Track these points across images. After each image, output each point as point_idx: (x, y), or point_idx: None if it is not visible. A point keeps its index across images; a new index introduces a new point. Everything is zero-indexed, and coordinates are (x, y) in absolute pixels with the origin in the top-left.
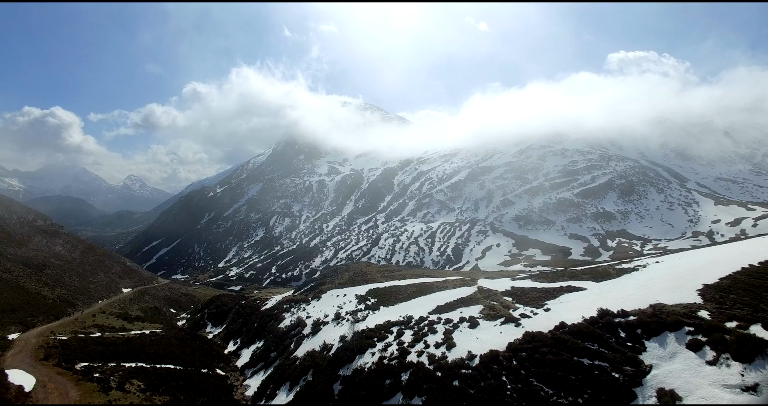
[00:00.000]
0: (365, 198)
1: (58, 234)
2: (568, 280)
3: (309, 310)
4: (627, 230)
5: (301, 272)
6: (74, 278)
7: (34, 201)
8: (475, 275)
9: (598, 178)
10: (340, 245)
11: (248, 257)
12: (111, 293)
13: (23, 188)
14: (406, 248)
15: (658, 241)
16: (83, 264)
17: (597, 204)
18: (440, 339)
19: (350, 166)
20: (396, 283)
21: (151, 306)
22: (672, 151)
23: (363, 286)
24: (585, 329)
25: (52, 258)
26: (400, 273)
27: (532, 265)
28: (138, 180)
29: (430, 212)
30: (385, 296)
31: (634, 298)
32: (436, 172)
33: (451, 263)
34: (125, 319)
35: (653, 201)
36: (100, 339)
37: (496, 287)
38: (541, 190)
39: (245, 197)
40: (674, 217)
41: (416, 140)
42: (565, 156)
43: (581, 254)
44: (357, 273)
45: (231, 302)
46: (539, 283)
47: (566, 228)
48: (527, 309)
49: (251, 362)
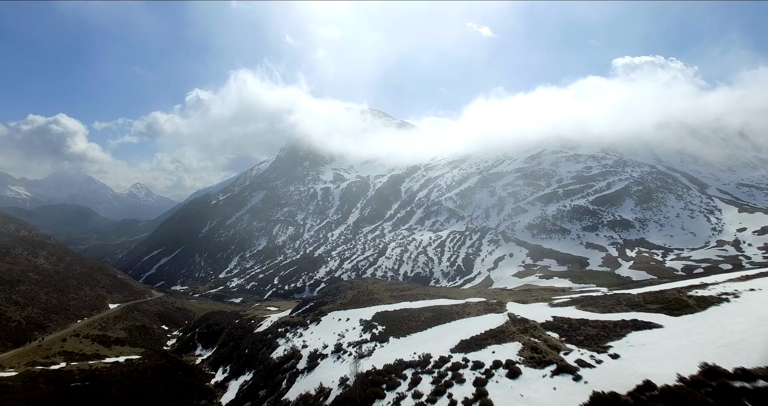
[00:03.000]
0: (371, 206)
1: (43, 245)
2: (628, 310)
3: (306, 336)
4: (646, 238)
5: (304, 283)
6: (53, 294)
7: (40, 209)
8: (500, 296)
9: (613, 184)
10: (345, 254)
11: (250, 267)
12: (94, 310)
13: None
14: (415, 258)
15: (680, 250)
16: (67, 278)
17: (614, 211)
18: (470, 394)
19: (356, 173)
20: (407, 305)
21: (138, 324)
22: (689, 156)
23: (369, 308)
24: (687, 396)
25: (30, 272)
26: (411, 293)
27: (548, 276)
28: (144, 188)
29: (438, 220)
30: (395, 323)
31: (750, 347)
32: (445, 178)
33: (461, 274)
34: (102, 343)
35: (673, 208)
36: (57, 374)
37: (533, 316)
38: (555, 197)
39: (248, 205)
40: (696, 225)
41: (423, 146)
42: (579, 162)
43: (599, 265)
44: (362, 292)
45: (224, 321)
46: (589, 312)
47: (582, 237)
48: (584, 353)
49: (237, 400)
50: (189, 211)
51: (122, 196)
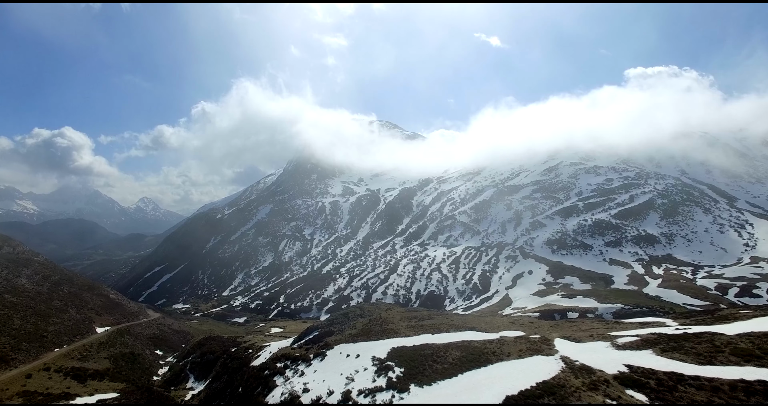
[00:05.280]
0: (382, 220)
1: (28, 263)
2: (739, 362)
3: (308, 376)
4: (673, 254)
5: (311, 302)
6: (29, 319)
7: (47, 224)
8: (541, 329)
9: (636, 197)
10: (354, 271)
11: (255, 284)
12: (78, 335)
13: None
14: (428, 276)
15: (711, 267)
16: (51, 299)
17: (638, 226)
18: None
19: (365, 186)
20: (429, 339)
21: (126, 351)
22: (715, 167)
23: (383, 341)
24: None
25: (6, 294)
26: (432, 323)
27: (570, 295)
28: (151, 202)
29: (452, 235)
30: (416, 365)
31: None
32: (458, 191)
33: (478, 293)
34: (76, 377)
35: (701, 223)
36: None
37: (596, 363)
38: (575, 211)
39: (254, 219)
40: (726, 240)
41: (435, 158)
42: (599, 174)
43: (625, 283)
44: (374, 320)
45: (219, 348)
46: (678, 362)
47: (605, 253)
48: None
49: None
50: (193, 225)
51: (129, 211)
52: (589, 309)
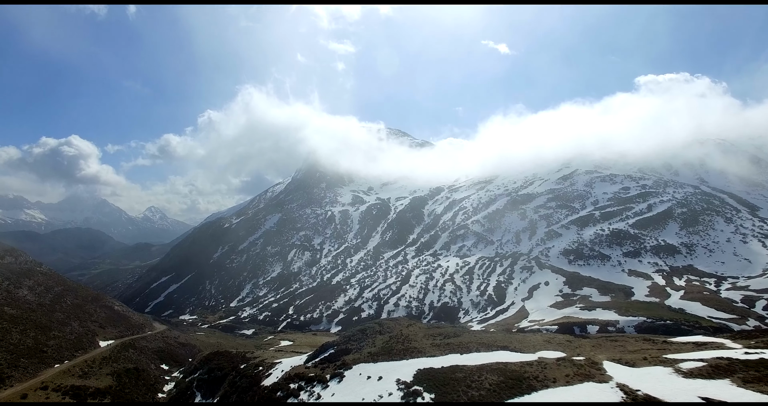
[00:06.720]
0: (393, 230)
1: (30, 273)
2: None
3: (325, 399)
4: (695, 265)
5: (321, 313)
6: (29, 332)
7: (54, 233)
8: (582, 349)
9: (655, 206)
10: (365, 282)
11: (263, 295)
12: (80, 350)
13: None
14: (441, 287)
15: (735, 279)
16: (52, 311)
17: (657, 236)
18: None
19: (376, 195)
20: (458, 360)
21: (130, 367)
22: (735, 175)
23: (406, 361)
24: None
25: (7, 306)
26: (459, 340)
27: (590, 307)
28: (159, 211)
29: (465, 245)
30: (448, 390)
31: None
32: (470, 200)
33: (493, 304)
34: (75, 396)
35: (722, 232)
36: None
37: (663, 394)
38: (591, 220)
39: (262, 229)
40: (750, 251)
41: (444, 167)
42: (615, 182)
43: (646, 295)
44: (395, 337)
45: (228, 364)
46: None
47: (624, 263)
48: None
49: None
50: (200, 235)
51: (137, 220)
52: (610, 322)
